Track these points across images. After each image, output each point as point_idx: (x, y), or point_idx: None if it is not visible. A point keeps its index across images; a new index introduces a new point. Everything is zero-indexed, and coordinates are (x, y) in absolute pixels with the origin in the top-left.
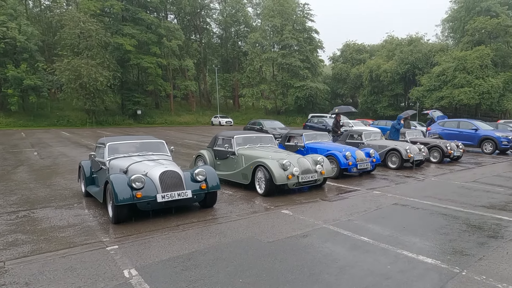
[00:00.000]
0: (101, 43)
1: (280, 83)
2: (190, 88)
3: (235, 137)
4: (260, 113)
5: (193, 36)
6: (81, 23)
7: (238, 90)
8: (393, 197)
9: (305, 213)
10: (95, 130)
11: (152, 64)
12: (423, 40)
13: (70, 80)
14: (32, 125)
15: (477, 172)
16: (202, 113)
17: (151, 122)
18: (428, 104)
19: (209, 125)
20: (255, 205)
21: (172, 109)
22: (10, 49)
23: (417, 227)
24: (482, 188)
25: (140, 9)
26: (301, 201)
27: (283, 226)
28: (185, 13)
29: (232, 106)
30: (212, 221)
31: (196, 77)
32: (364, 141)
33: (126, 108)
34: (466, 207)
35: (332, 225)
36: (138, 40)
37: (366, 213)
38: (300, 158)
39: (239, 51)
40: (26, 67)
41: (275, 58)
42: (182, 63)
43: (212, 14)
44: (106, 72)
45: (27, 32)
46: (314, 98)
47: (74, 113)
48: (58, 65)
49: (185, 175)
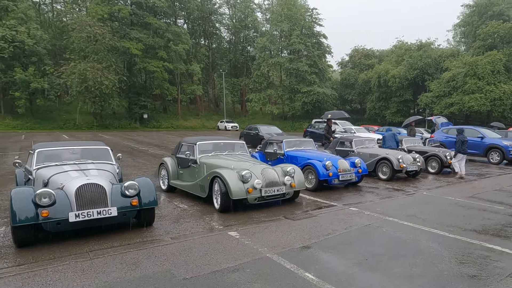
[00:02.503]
0: (107, 47)
1: (287, 88)
2: (197, 92)
3: (198, 143)
4: (267, 118)
5: (202, 40)
6: (88, 27)
7: (246, 95)
8: (369, 216)
9: (254, 236)
10: (97, 133)
11: (158, 68)
12: (433, 45)
13: (76, 83)
14: (39, 127)
15: (478, 186)
16: (209, 117)
17: (157, 126)
18: (437, 111)
19: (215, 130)
20: (202, 224)
21: (179, 113)
22: (19, 53)
23: (382, 260)
24: (478, 206)
25: (148, 13)
26: (260, 220)
27: (217, 255)
28: (194, 18)
29: (239, 111)
30: (137, 245)
31: (205, 81)
32: (354, 149)
33: (133, 112)
34: (453, 231)
35: (278, 254)
36: (145, 44)
37: (329, 237)
38: (266, 169)
39: (247, 56)
40: (34, 70)
41: (283, 63)
42: (188, 67)
43: (222, 19)
44: (112, 76)
45: (36, 36)
46: (322, 103)
47: (80, 116)
48: (65, 69)
49: (114, 189)
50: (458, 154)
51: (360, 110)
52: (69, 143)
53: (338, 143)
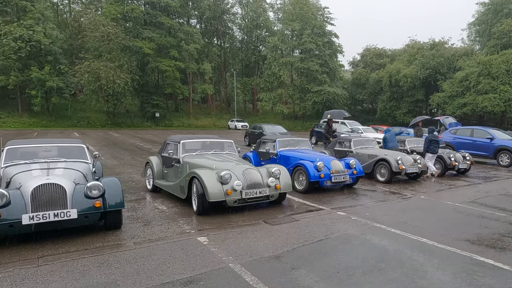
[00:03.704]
0: (120, 46)
1: (298, 88)
2: (208, 91)
3: (181, 141)
4: (278, 118)
5: (215, 40)
6: (101, 27)
7: (256, 94)
8: (356, 221)
9: (224, 243)
10: (108, 131)
11: (170, 68)
12: (447, 44)
13: (90, 82)
14: (54, 125)
15: (482, 190)
16: (220, 117)
17: (169, 125)
18: (449, 111)
19: (225, 129)
20: (173, 228)
21: (191, 112)
22: (35, 52)
23: (355, 274)
24: (477, 212)
25: (161, 13)
26: (237, 224)
27: (175, 264)
28: (207, 17)
29: (250, 111)
30: (95, 251)
31: (217, 81)
32: (353, 149)
33: (145, 110)
34: (443, 240)
35: (242, 264)
36: (157, 43)
37: (305, 245)
38: (248, 169)
39: (259, 56)
40: (50, 69)
41: (293, 62)
42: (200, 66)
43: (235, 19)
44: (124, 75)
45: (52, 36)
46: (332, 103)
47: (94, 115)
48: (79, 68)
49: (76, 190)
50: (427, 153)
51: (371, 110)
52: (44, 141)
53: (337, 143)
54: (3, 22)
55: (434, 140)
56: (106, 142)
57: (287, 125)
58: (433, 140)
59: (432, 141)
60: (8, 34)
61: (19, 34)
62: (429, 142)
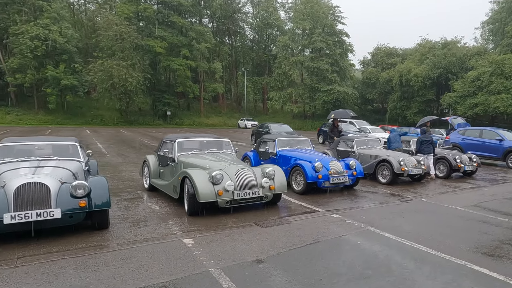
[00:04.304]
0: (132, 45)
1: (308, 87)
2: (218, 90)
3: (177, 140)
4: (288, 117)
5: (226, 39)
6: (114, 26)
7: (267, 93)
8: (349, 225)
9: (209, 246)
10: (119, 129)
11: (181, 66)
12: (459, 44)
13: (103, 80)
14: (68, 123)
15: (487, 193)
16: (230, 115)
17: (180, 123)
18: (461, 111)
19: (235, 128)
20: (161, 229)
21: (202, 111)
22: (51, 51)
23: (339, 282)
24: (479, 217)
25: (173, 12)
26: (227, 226)
27: (154, 267)
28: (218, 16)
29: (261, 109)
30: (76, 252)
31: (228, 80)
32: (355, 150)
33: (157, 109)
34: (439, 247)
35: (223, 269)
36: (169, 42)
37: (292, 249)
38: (242, 170)
39: (269, 55)
40: (65, 68)
41: (304, 61)
42: (211, 65)
43: (246, 18)
44: (136, 73)
45: (67, 35)
46: (342, 102)
47: (107, 113)
48: (92, 66)
49: (62, 189)
50: (418, 154)
51: (381, 110)
52: (37, 139)
53: (340, 143)
54: (21, 22)
55: (425, 140)
56: (115, 140)
57: (296, 124)
58: (423, 141)
59: (423, 141)
60: (25, 33)
61: (35, 33)
62: (420, 143)
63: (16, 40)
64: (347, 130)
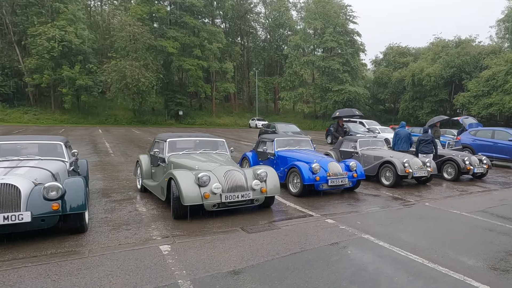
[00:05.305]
0: (145, 46)
1: (319, 87)
2: (229, 90)
3: (168, 140)
4: (298, 117)
5: (238, 39)
6: (128, 26)
7: (278, 93)
8: (343, 231)
9: (186, 253)
10: (131, 128)
11: (193, 66)
12: (474, 42)
13: (116, 80)
14: (83, 122)
15: (496, 197)
16: (242, 115)
17: (192, 123)
18: (474, 112)
19: (246, 127)
20: (141, 234)
21: (214, 110)
22: (66, 51)
23: None
24: (485, 224)
25: (185, 13)
26: (212, 231)
27: (118, 278)
28: (231, 17)
29: (272, 109)
30: (43, 259)
31: (240, 80)
32: (358, 150)
33: (169, 108)
34: (436, 258)
35: (192, 281)
36: (181, 43)
37: (274, 258)
38: (231, 171)
39: (281, 55)
40: (80, 68)
41: (315, 61)
42: (222, 65)
43: (258, 18)
44: (149, 74)
45: (83, 36)
46: (353, 102)
47: (121, 112)
48: (106, 67)
49: (34, 191)
50: (419, 155)
51: (393, 110)
52: (22, 138)
53: (343, 144)
54: (38, 23)
55: (424, 140)
56: (124, 139)
57: (307, 124)
58: (422, 140)
59: (421, 141)
60: (42, 35)
61: (52, 34)
62: (419, 142)
63: (34, 41)
64: (356, 130)
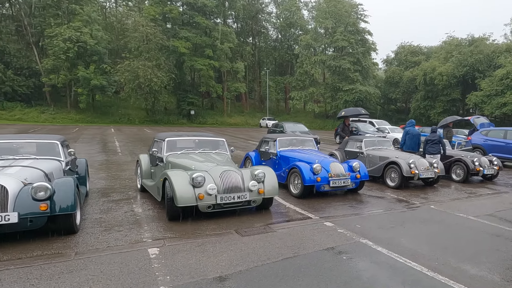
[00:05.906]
0: (158, 46)
1: (330, 86)
2: (240, 90)
3: (166, 139)
4: (309, 117)
5: (250, 39)
6: (141, 27)
7: (289, 92)
8: (341, 235)
9: (173, 257)
10: (143, 128)
11: (205, 66)
12: (488, 41)
13: (129, 80)
14: (98, 121)
15: (507, 200)
16: (253, 115)
17: (203, 122)
18: (488, 111)
19: (257, 127)
20: (132, 236)
21: (225, 110)
22: (82, 52)
23: None
24: (492, 229)
25: (197, 13)
26: (204, 233)
27: (100, 283)
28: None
29: (283, 109)
30: (27, 261)
31: (251, 79)
32: (363, 150)
33: (181, 108)
34: (437, 266)
35: None
36: (193, 43)
37: (265, 264)
38: (228, 171)
39: (292, 54)
40: (95, 69)
41: (325, 60)
42: (233, 65)
43: (270, 18)
44: (161, 74)
45: (98, 37)
46: (364, 102)
47: (134, 112)
48: (120, 67)
49: (22, 191)
50: (426, 155)
51: (404, 110)
52: (19, 137)
53: (348, 144)
54: (55, 25)
55: (430, 140)
56: (134, 138)
57: (318, 123)
58: (429, 140)
59: (428, 141)
60: (59, 36)
61: (68, 35)
62: (425, 142)
63: (51, 42)
64: (365, 130)
